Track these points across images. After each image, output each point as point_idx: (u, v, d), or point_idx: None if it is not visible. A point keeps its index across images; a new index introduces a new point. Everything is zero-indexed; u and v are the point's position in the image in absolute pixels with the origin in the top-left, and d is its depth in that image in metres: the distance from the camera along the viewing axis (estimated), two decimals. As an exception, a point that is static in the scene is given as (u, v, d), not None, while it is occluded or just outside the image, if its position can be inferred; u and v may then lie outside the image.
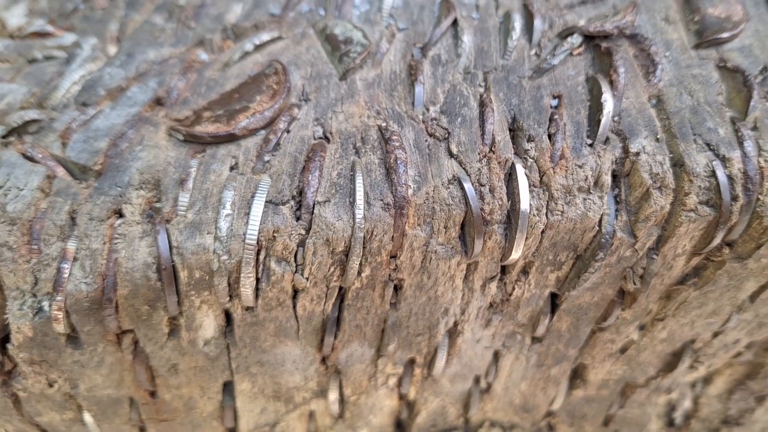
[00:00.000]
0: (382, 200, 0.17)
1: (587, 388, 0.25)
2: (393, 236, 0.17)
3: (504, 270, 0.19)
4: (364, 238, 0.17)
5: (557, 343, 0.22)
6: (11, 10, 0.23)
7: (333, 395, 0.23)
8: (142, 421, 0.22)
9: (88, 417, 0.22)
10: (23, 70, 0.22)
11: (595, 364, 0.23)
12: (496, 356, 0.23)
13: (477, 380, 0.24)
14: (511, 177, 0.17)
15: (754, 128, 0.17)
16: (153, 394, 0.21)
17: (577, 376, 0.24)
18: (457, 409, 0.25)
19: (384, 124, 0.18)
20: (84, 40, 0.22)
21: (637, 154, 0.17)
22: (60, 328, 0.18)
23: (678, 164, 0.17)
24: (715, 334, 0.22)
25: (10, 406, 0.21)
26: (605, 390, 0.25)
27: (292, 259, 0.18)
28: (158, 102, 0.19)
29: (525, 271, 0.19)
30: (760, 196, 0.17)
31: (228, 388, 0.21)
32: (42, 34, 0.23)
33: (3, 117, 0.20)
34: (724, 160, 0.17)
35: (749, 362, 0.26)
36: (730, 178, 0.17)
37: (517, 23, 0.21)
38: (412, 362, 0.22)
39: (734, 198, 0.17)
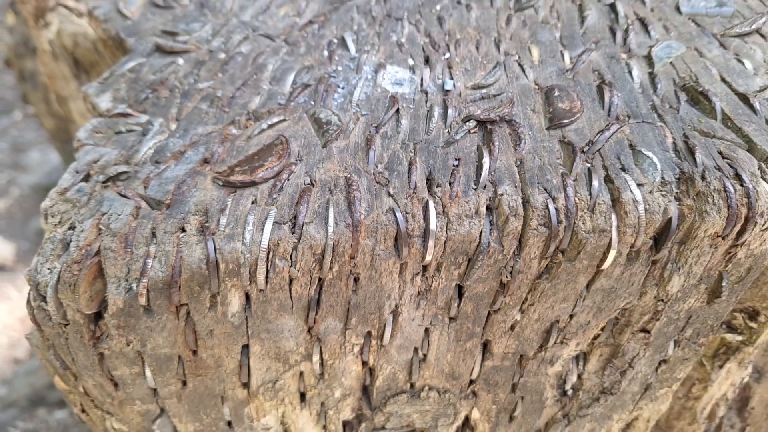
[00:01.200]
0: (345, 222, 0.27)
1: (494, 360, 0.35)
2: (352, 244, 0.27)
3: (425, 268, 0.29)
4: (333, 245, 0.27)
5: (467, 323, 0.32)
6: (101, 97, 0.34)
7: (315, 358, 0.32)
8: (185, 375, 0.31)
9: (148, 371, 0.31)
10: (112, 139, 0.32)
11: (496, 339, 0.33)
12: (427, 332, 0.32)
13: (416, 351, 0.33)
14: (426, 209, 0.27)
15: (575, 180, 0.28)
16: (195, 353, 0.31)
17: (486, 349, 0.34)
18: (404, 375, 0.35)
19: (348, 176, 0.29)
20: (153, 119, 0.33)
21: (502, 194, 0.27)
22: (142, 301, 0.27)
23: (526, 201, 0.27)
24: (571, 316, 0.32)
25: (96, 363, 0.30)
26: (507, 361, 0.34)
27: (289, 258, 0.28)
28: (205, 161, 0.30)
29: (438, 269, 0.29)
30: (575, 221, 0.27)
31: (245, 350, 0.31)
32: (124, 114, 0.33)
33: (103, 169, 0.30)
34: (554, 199, 0.27)
35: (610, 344, 0.35)
36: (557, 209, 0.27)
37: (437, 112, 0.31)
38: (369, 334, 0.32)
39: (560, 221, 0.27)
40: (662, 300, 0.30)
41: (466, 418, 0.38)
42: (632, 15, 0.35)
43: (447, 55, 0.34)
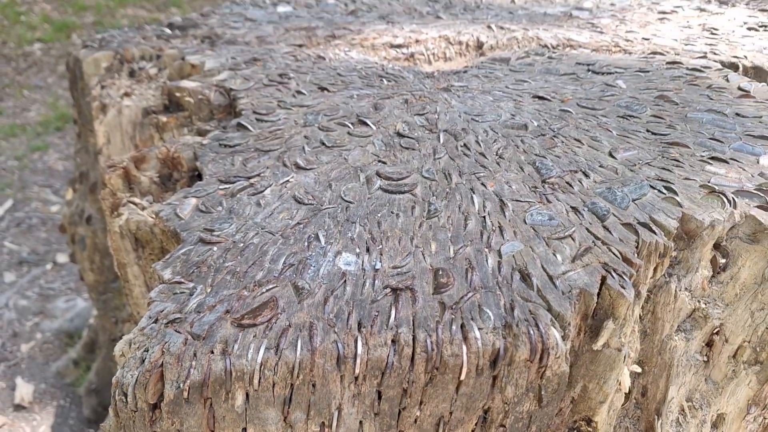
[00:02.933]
0: (307, 348, 0.46)
1: None
2: (311, 362, 0.46)
3: (356, 378, 0.47)
4: (300, 363, 0.46)
5: (386, 417, 0.49)
6: (164, 271, 0.54)
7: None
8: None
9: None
10: (171, 297, 0.52)
11: (406, 429, 0.50)
12: (361, 423, 0.50)
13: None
14: (356, 341, 0.46)
15: (443, 325, 0.47)
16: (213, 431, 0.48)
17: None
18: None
19: (312, 321, 0.48)
20: (197, 286, 0.52)
21: (401, 333, 0.46)
22: (185, 395, 0.45)
23: (415, 337, 0.46)
24: (450, 413, 0.49)
25: None
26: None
27: (273, 369, 0.46)
28: (227, 311, 0.49)
29: (364, 379, 0.47)
30: (443, 350, 0.46)
31: (244, 431, 0.48)
32: (179, 282, 0.53)
33: (166, 316, 0.50)
34: (431, 336, 0.46)
35: (485, 437, 0.52)
36: (432, 342, 0.46)
37: (368, 282, 0.51)
38: (323, 424, 0.49)
39: (433, 350, 0.46)
40: (506, 403, 0.48)
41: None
42: (496, 224, 0.56)
43: (380, 247, 0.55)
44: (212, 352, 0.45)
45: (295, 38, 1.03)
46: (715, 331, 0.54)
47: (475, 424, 0.49)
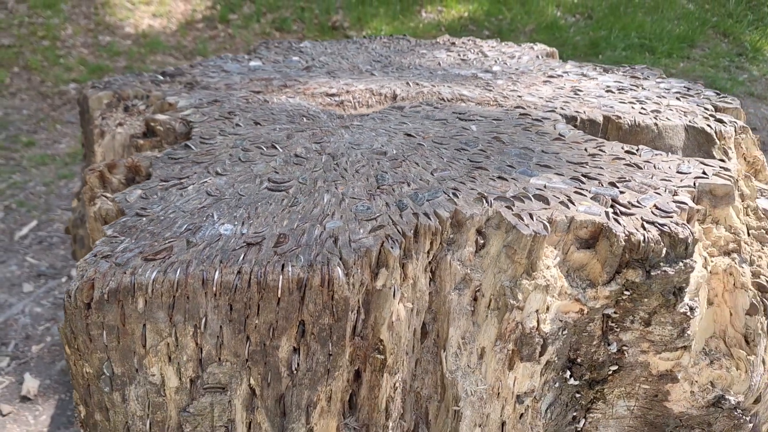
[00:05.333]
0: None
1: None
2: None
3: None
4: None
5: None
6: (108, 230, 0.83)
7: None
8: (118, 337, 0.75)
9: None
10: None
11: None
12: None
13: None
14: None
15: None
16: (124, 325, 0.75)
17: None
18: None
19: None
20: (126, 239, 0.81)
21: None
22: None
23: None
24: None
25: (84, 327, 0.75)
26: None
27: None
28: (142, 255, 0.77)
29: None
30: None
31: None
32: (113, 236, 0.81)
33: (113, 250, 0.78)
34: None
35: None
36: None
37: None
38: None
39: None
40: (311, 316, 0.75)
41: None
42: (332, 211, 0.84)
43: (251, 222, 0.83)
44: (125, 273, 0.73)
45: (256, 86, 1.33)
46: (477, 289, 0.81)
47: (297, 333, 0.76)
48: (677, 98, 1.26)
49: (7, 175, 3.55)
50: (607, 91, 1.28)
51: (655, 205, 0.83)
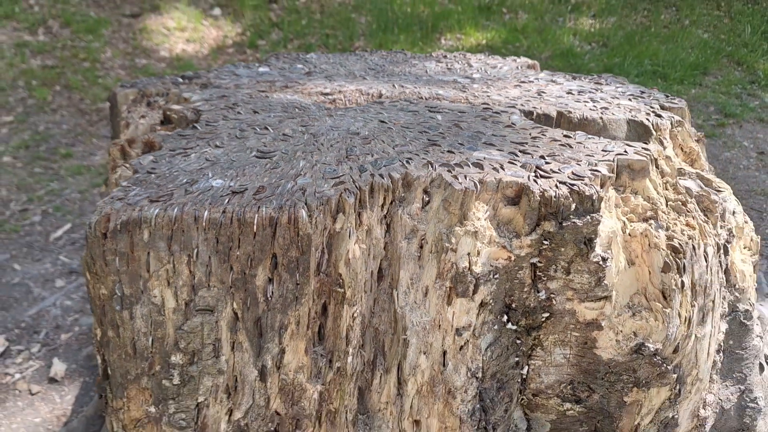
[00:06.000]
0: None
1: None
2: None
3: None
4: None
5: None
6: (123, 183, 1.03)
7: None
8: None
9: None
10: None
11: None
12: None
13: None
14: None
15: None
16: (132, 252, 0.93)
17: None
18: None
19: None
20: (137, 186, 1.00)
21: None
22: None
23: None
24: None
25: (102, 252, 0.94)
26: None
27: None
28: (150, 198, 0.96)
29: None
30: None
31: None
32: (127, 186, 1.01)
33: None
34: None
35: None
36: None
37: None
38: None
39: None
40: (281, 249, 0.93)
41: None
42: (305, 172, 1.02)
43: (239, 178, 1.01)
44: (134, 210, 0.92)
45: (260, 87, 1.54)
46: (422, 238, 0.99)
47: (270, 264, 0.94)
48: (629, 99, 1.43)
49: (46, 182, 3.82)
50: (568, 93, 1.45)
51: (572, 172, 1.00)
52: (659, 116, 1.29)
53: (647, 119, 1.26)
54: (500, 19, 6.09)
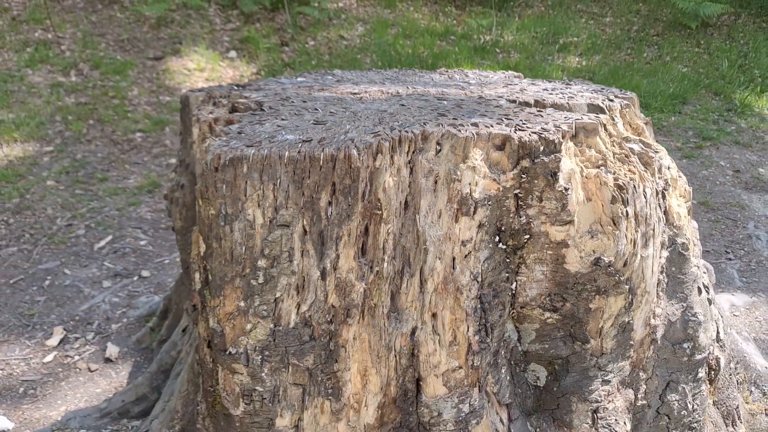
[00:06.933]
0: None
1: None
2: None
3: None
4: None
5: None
6: (216, 139, 1.44)
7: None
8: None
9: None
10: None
11: None
12: None
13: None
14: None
15: None
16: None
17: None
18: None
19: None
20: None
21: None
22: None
23: None
24: None
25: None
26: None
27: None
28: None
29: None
30: None
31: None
32: (225, 143, 1.42)
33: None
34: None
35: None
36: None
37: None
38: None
39: None
40: (340, 179, 1.33)
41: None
42: (351, 130, 1.44)
43: (302, 135, 1.42)
44: (237, 151, 1.33)
45: (302, 89, 1.98)
46: (436, 175, 1.39)
47: (330, 190, 1.33)
48: (591, 92, 1.86)
49: (87, 202, 4.25)
50: (544, 90, 1.88)
51: (541, 128, 1.41)
52: (611, 101, 1.71)
53: (602, 103, 1.69)
54: (494, 57, 6.62)
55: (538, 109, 1.58)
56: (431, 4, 7.86)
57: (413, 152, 1.37)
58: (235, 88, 2.05)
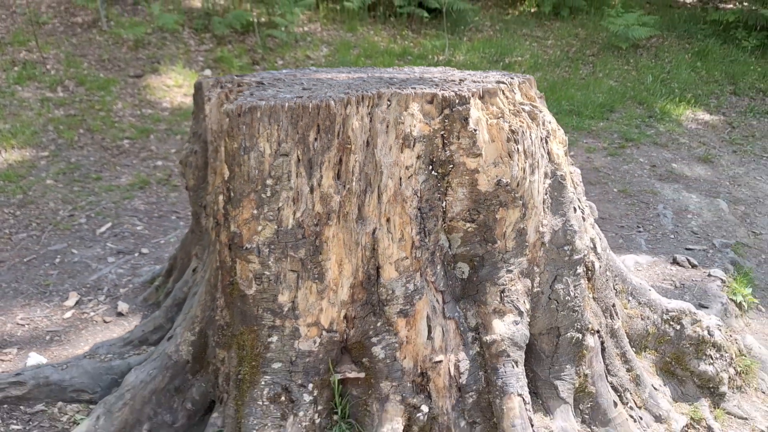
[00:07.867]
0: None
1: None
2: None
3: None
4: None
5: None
6: (232, 99, 2.08)
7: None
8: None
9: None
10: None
11: None
12: None
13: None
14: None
15: None
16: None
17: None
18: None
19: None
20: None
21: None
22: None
23: None
24: None
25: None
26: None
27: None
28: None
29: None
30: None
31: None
32: (239, 104, 2.06)
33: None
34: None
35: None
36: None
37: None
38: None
39: None
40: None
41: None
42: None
43: (296, 97, 2.08)
44: (252, 102, 1.97)
45: (289, 75, 2.64)
46: (388, 121, 2.06)
47: (315, 129, 1.98)
48: (501, 76, 2.56)
49: (85, 196, 4.80)
50: (468, 75, 2.59)
51: (458, 89, 2.10)
52: (512, 79, 2.42)
53: (505, 80, 2.39)
54: (444, 74, 7.37)
55: (460, 78, 2.27)
56: (390, 28, 8.65)
57: (372, 106, 2.04)
58: (236, 76, 2.70)
